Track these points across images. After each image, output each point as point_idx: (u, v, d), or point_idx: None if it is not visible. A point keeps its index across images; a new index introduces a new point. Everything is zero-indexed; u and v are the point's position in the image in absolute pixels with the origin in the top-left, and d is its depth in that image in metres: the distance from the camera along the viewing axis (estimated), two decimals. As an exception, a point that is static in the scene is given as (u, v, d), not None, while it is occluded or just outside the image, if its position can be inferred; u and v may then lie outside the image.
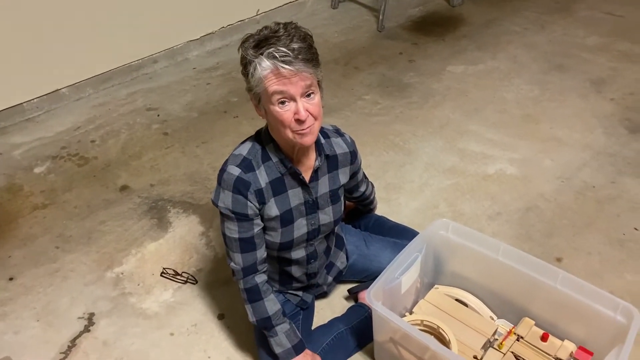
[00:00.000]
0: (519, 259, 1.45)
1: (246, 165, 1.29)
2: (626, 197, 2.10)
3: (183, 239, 1.96)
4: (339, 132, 1.45)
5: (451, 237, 1.55)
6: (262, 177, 1.30)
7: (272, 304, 1.36)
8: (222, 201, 1.29)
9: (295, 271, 1.48)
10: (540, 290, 1.43)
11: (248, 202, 1.28)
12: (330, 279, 1.64)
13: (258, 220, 1.32)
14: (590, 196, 2.11)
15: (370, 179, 1.72)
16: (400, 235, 1.72)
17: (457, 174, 2.25)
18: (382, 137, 2.48)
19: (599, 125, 2.52)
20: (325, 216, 1.42)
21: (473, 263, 1.55)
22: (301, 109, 1.17)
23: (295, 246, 1.42)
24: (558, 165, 2.28)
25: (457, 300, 1.60)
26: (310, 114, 1.20)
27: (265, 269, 1.38)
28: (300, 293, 1.56)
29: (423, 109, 2.69)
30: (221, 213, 1.32)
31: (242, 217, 1.29)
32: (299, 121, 1.19)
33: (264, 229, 1.36)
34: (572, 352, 1.41)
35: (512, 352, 1.43)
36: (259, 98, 1.21)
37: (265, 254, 1.36)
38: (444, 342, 1.44)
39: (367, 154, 2.36)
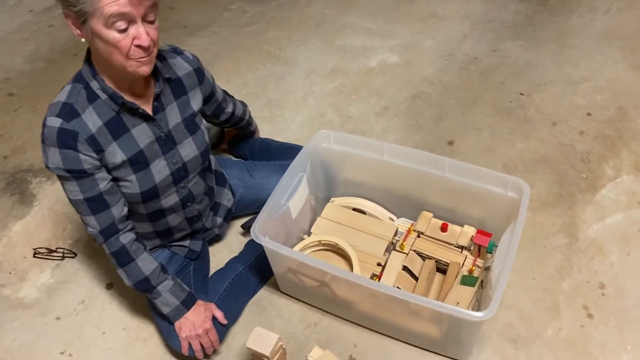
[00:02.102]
0: (404, 156, 1.37)
1: (67, 112, 1.08)
2: (508, 62, 2.05)
3: (52, 210, 1.74)
4: (176, 51, 1.25)
5: (334, 147, 1.45)
6: (92, 121, 1.10)
7: (146, 263, 1.21)
8: (51, 161, 1.09)
9: (173, 220, 1.33)
10: (432, 182, 1.38)
11: (79, 154, 1.08)
12: (219, 220, 1.50)
13: (102, 174, 1.13)
14: (474, 69, 2.05)
15: (250, 98, 1.55)
16: (288, 155, 1.58)
17: (340, 74, 2.11)
18: (257, 49, 2.28)
19: (475, -8, 2.43)
20: (188, 150, 1.25)
21: (362, 169, 1.46)
22: (143, 34, 0.99)
23: (162, 193, 1.24)
24: (439, 43, 2.18)
25: (354, 209, 1.53)
26: (152, 40, 1.02)
27: (129, 227, 1.21)
28: (187, 242, 1.42)
29: (295, 9, 2.48)
30: (57, 175, 1.12)
31: (79, 174, 1.10)
32: (141, 48, 1.00)
33: (117, 181, 1.18)
34: (472, 236, 1.38)
35: (413, 251, 1.38)
36: (85, 18, 0.98)
37: (124, 211, 1.19)
38: (346, 257, 1.37)
39: (242, 71, 2.16)
